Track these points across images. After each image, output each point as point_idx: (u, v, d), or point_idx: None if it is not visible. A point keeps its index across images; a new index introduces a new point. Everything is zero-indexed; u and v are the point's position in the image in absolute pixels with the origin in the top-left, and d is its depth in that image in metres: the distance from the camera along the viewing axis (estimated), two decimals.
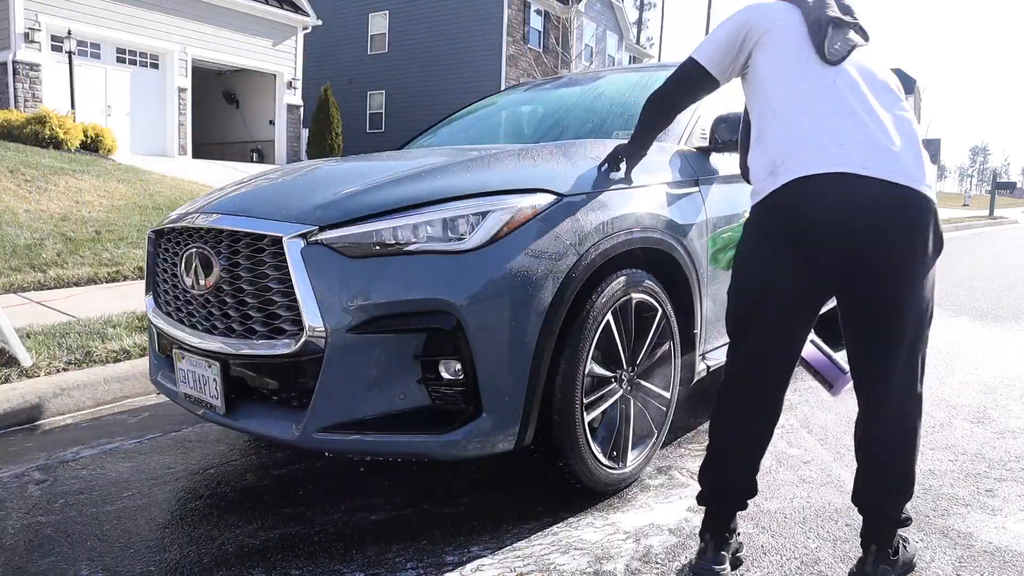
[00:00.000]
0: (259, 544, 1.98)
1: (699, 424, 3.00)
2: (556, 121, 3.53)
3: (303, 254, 1.87)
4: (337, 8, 23.87)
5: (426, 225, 1.90)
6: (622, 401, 2.30)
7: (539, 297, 1.93)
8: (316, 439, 1.89)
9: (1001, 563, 1.92)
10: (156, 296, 2.41)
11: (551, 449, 2.09)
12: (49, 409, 3.03)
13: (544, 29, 23.92)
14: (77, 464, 2.55)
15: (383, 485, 2.37)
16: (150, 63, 15.23)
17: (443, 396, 1.90)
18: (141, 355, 3.49)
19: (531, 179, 2.10)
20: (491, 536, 2.03)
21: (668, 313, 2.41)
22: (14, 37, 12.59)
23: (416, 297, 1.84)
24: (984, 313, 5.74)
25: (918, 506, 2.25)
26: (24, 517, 2.13)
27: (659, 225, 2.34)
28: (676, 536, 2.04)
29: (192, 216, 2.22)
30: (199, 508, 2.21)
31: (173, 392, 2.31)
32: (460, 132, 3.71)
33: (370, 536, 2.02)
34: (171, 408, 3.12)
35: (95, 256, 5.82)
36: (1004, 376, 3.83)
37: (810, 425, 3.01)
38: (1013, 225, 22.79)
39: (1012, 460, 2.65)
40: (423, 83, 23.38)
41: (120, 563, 1.87)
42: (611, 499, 2.27)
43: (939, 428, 2.99)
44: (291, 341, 1.89)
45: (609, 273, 2.16)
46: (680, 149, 2.70)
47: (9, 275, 5.10)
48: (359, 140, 23.49)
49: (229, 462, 2.59)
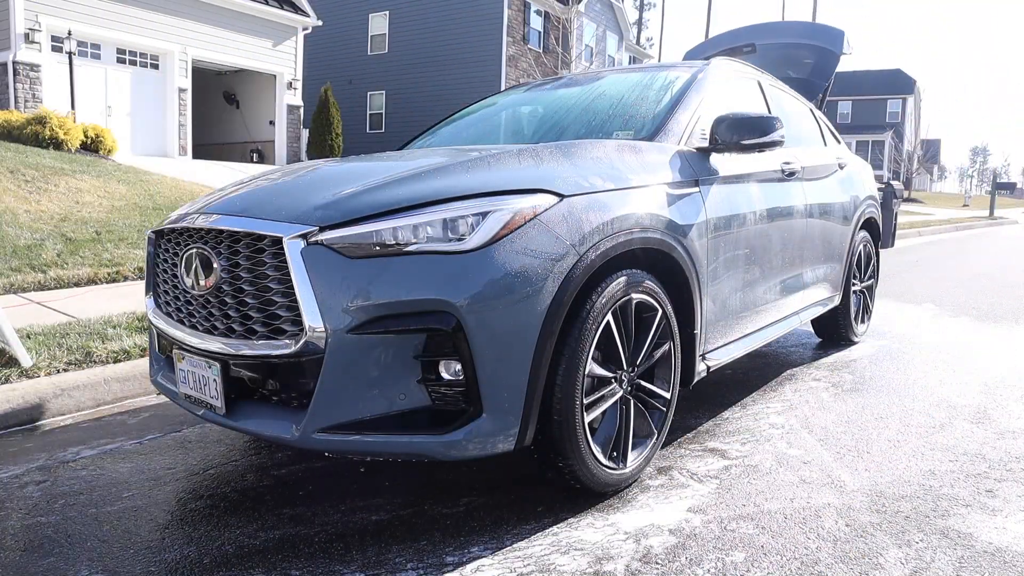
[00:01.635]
0: (259, 544, 1.98)
1: (699, 424, 3.00)
2: (556, 121, 3.54)
3: (303, 254, 1.87)
4: (337, 8, 23.88)
5: (426, 225, 1.90)
6: (622, 401, 2.30)
7: (539, 297, 1.93)
8: (316, 439, 1.89)
9: (1002, 563, 1.91)
10: (156, 297, 2.41)
11: (551, 450, 2.09)
12: (49, 409, 3.03)
13: (544, 29, 23.93)
14: (77, 464, 2.55)
15: (383, 485, 2.37)
16: (150, 63, 15.24)
17: (443, 396, 1.90)
18: (141, 355, 3.50)
19: (531, 179, 2.10)
20: (491, 536, 2.03)
21: (668, 313, 2.41)
22: (14, 37, 12.60)
23: (416, 297, 1.84)
24: (985, 313, 5.74)
25: (918, 506, 2.25)
26: (24, 518, 2.13)
27: (659, 225, 2.34)
28: (676, 537, 2.04)
29: (192, 216, 2.22)
30: (199, 509, 2.21)
31: (173, 392, 2.31)
32: (460, 132, 3.71)
33: (370, 536, 2.02)
34: (171, 408, 3.12)
35: (95, 256, 5.82)
36: (1005, 376, 3.83)
37: (810, 425, 3.01)
38: (1013, 225, 22.78)
39: (1012, 460, 2.65)
40: (423, 83, 23.39)
41: (120, 564, 1.87)
42: (611, 499, 2.27)
43: (939, 428, 2.99)
44: (291, 341, 1.89)
45: (609, 273, 2.16)
46: (680, 149, 2.70)
47: (9, 275, 5.11)
48: (359, 140, 23.51)
49: (229, 463, 2.59)
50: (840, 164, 4.26)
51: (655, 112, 2.94)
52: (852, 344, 4.57)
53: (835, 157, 4.26)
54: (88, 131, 11.76)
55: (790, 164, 3.44)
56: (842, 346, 4.52)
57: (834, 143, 4.49)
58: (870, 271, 4.75)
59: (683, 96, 2.96)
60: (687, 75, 3.17)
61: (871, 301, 4.82)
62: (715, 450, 2.71)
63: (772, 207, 3.18)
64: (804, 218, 3.55)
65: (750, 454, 2.68)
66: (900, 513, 2.21)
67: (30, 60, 12.85)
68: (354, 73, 24.68)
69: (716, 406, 3.26)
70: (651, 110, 3.00)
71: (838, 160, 4.26)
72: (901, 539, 2.04)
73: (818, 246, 3.76)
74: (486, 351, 1.86)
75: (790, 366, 4.03)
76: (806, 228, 3.57)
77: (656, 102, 3.05)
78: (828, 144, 4.35)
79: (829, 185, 3.98)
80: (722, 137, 2.73)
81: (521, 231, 1.94)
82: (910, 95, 47.64)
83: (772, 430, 2.95)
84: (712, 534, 2.06)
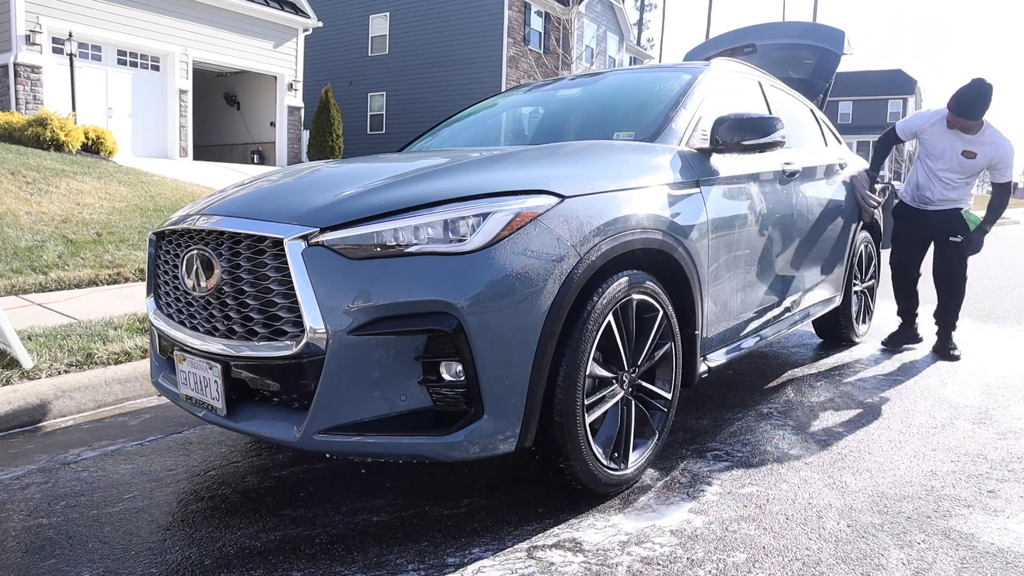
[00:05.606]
0: (260, 546, 1.98)
1: (700, 425, 3.00)
2: (557, 122, 3.54)
3: (304, 256, 1.87)
4: (338, 10, 23.91)
5: (427, 226, 1.90)
6: (623, 402, 2.29)
7: (540, 298, 1.93)
8: (317, 441, 1.89)
9: (1003, 564, 1.91)
10: (157, 298, 2.41)
11: (552, 450, 2.08)
12: (50, 411, 3.03)
13: (545, 30, 23.93)
14: (78, 466, 2.55)
15: (384, 487, 2.36)
16: (151, 65, 15.25)
17: (444, 398, 1.90)
18: (142, 357, 3.50)
19: (532, 180, 2.10)
20: (492, 537, 2.03)
21: (669, 314, 2.41)
22: (15, 39, 12.62)
23: (417, 298, 1.84)
24: (986, 314, 5.74)
25: (920, 507, 2.25)
26: (25, 519, 2.13)
27: (660, 226, 2.34)
28: (677, 537, 2.04)
29: (193, 218, 2.22)
30: (200, 510, 2.21)
31: (174, 394, 2.31)
32: (461, 133, 3.71)
33: (371, 538, 2.02)
34: (172, 410, 3.12)
35: (96, 258, 5.82)
36: (1006, 377, 3.83)
37: (811, 426, 3.01)
38: (1015, 226, 22.75)
39: (1014, 461, 2.64)
40: (424, 85, 23.40)
41: (121, 565, 1.87)
42: (612, 500, 2.27)
43: (941, 429, 2.99)
44: (292, 343, 1.89)
45: (610, 274, 2.16)
46: (681, 150, 2.70)
47: (10, 277, 5.11)
48: (360, 142, 23.53)
49: (230, 464, 2.59)
50: (841, 164, 4.26)
51: (656, 113, 2.94)
52: (853, 345, 4.57)
53: (836, 157, 4.25)
54: (89, 133, 11.77)
55: (791, 164, 3.44)
56: (843, 347, 4.52)
57: (835, 143, 4.49)
58: (871, 272, 4.75)
59: (684, 97, 2.96)
60: (688, 76, 3.17)
61: (872, 302, 4.82)
62: (716, 451, 2.71)
63: (773, 208, 3.18)
64: (805, 218, 3.55)
65: (751, 455, 2.68)
66: (902, 514, 2.20)
67: (31, 62, 12.86)
68: (355, 74, 24.70)
69: (717, 407, 3.26)
70: (652, 111, 3.00)
71: (839, 160, 4.26)
72: (903, 540, 2.04)
73: (819, 246, 3.76)
74: (487, 352, 1.86)
75: (791, 367, 4.03)
76: (807, 229, 3.57)
77: (657, 103, 3.05)
78: (829, 144, 4.35)
79: (830, 185, 3.98)
80: (723, 138, 2.73)
81: (522, 232, 1.94)
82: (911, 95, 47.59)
83: (773, 431, 2.95)
84: (713, 535, 2.06)
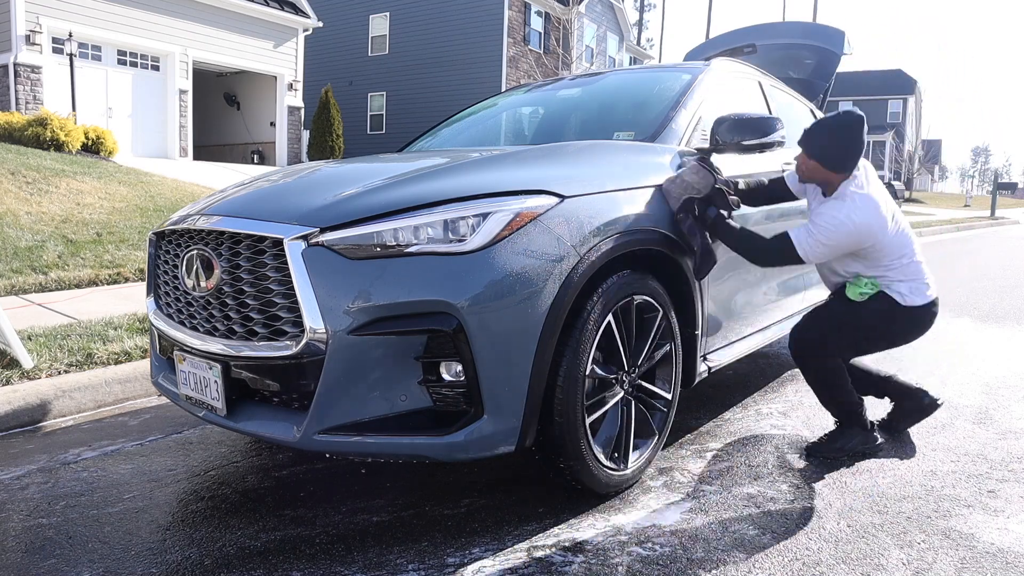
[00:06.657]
0: (260, 546, 1.98)
1: (700, 425, 3.00)
2: (557, 122, 3.54)
3: (304, 256, 1.87)
4: (338, 10, 23.89)
5: (427, 227, 1.90)
6: (623, 402, 2.29)
7: (540, 298, 1.93)
8: (317, 441, 1.89)
9: (1004, 564, 1.91)
10: (157, 298, 2.41)
11: (552, 450, 2.08)
12: (50, 411, 3.03)
13: (545, 30, 23.93)
14: (78, 466, 2.55)
15: (384, 487, 2.36)
16: (151, 65, 15.24)
17: (444, 398, 1.90)
18: (142, 357, 3.50)
19: (532, 181, 2.10)
20: (492, 537, 2.03)
21: (669, 314, 2.41)
22: (15, 39, 12.61)
23: (417, 299, 1.84)
24: (986, 314, 5.74)
25: (920, 507, 2.25)
26: (25, 519, 2.13)
27: (660, 226, 2.34)
28: (677, 537, 2.04)
29: (193, 218, 2.22)
30: (200, 510, 2.21)
31: (174, 394, 2.31)
32: (461, 134, 3.71)
33: (371, 538, 2.02)
34: (172, 410, 3.12)
35: (96, 258, 5.82)
36: (1006, 377, 3.83)
37: (811, 426, 3.01)
38: (1014, 225, 22.76)
39: (1014, 461, 2.64)
40: (424, 85, 23.39)
41: (121, 565, 1.87)
42: (612, 500, 2.27)
43: (941, 429, 2.99)
44: (292, 343, 1.89)
45: (610, 274, 2.16)
46: (681, 150, 2.70)
47: (10, 277, 5.11)
48: (360, 142, 23.52)
49: (230, 464, 2.58)
50: None
51: (656, 113, 2.94)
52: None
53: None
54: (89, 133, 11.76)
55: (791, 164, 3.44)
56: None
57: None
58: None
59: (684, 97, 2.96)
60: (688, 76, 3.17)
61: None
62: (716, 451, 2.71)
63: (773, 207, 3.18)
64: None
65: (751, 455, 2.68)
66: (902, 514, 2.20)
67: (31, 62, 12.85)
68: (355, 74, 24.69)
69: (717, 407, 3.26)
70: (652, 111, 3.00)
71: None
72: (903, 540, 2.04)
73: None
74: (487, 352, 1.86)
75: (791, 367, 4.02)
76: None
77: (657, 103, 3.05)
78: None
79: None
80: (723, 138, 2.73)
81: (522, 232, 1.94)
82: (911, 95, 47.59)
83: (773, 431, 2.95)
84: (713, 535, 2.06)
